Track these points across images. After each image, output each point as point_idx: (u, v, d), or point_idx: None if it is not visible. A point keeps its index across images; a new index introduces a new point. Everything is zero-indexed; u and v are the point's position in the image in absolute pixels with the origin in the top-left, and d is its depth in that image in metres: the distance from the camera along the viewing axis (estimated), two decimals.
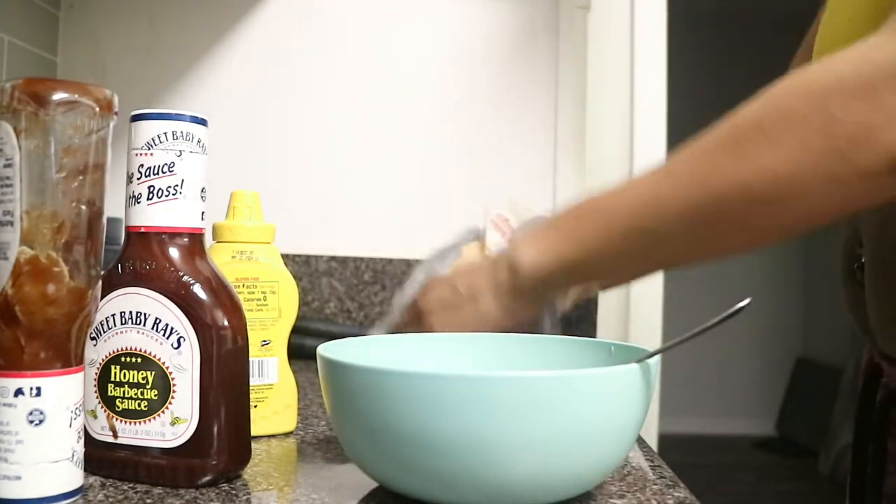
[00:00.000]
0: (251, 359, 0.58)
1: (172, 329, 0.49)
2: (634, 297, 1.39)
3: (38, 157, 0.43)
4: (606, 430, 0.44)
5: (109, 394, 0.50)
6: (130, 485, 0.49)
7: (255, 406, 0.61)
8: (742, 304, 0.46)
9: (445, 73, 1.27)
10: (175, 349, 0.49)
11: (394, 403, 0.43)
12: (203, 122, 0.51)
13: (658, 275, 1.46)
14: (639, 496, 0.49)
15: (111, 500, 0.46)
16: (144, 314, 0.49)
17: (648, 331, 1.38)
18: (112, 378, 0.50)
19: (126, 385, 0.50)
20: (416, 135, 1.27)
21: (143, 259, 0.50)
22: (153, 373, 0.49)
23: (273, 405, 0.63)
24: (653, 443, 1.41)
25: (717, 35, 4.54)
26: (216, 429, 0.49)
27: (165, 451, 0.49)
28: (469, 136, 1.28)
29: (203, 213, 0.52)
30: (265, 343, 0.63)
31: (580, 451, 0.44)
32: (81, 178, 0.44)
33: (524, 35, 1.28)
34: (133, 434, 0.49)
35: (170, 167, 0.50)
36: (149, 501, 0.46)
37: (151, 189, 0.50)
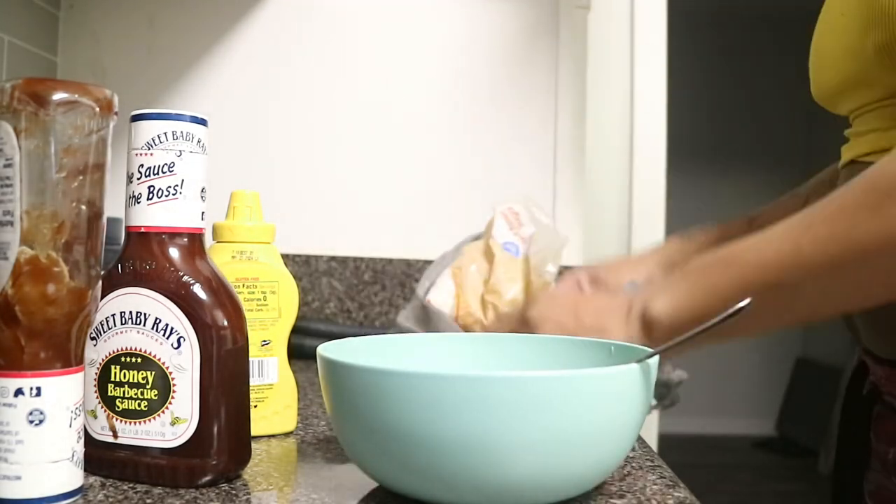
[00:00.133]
0: (251, 359, 0.58)
1: (172, 329, 0.49)
2: None
3: (38, 157, 0.43)
4: (606, 430, 0.44)
5: (109, 394, 0.50)
6: (130, 485, 0.49)
7: (255, 406, 0.61)
8: (742, 304, 0.46)
9: (445, 74, 1.27)
10: (175, 349, 0.49)
11: (394, 403, 0.43)
12: (203, 122, 0.51)
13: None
14: (639, 496, 0.49)
15: (111, 500, 0.46)
16: (144, 314, 0.49)
17: None
18: (112, 378, 0.50)
19: (126, 385, 0.50)
20: (416, 135, 1.27)
21: (143, 259, 0.50)
22: (153, 373, 0.49)
23: (273, 405, 0.63)
24: (653, 443, 1.41)
25: (717, 35, 4.54)
26: (216, 429, 0.49)
27: (165, 451, 0.49)
28: (469, 136, 1.28)
29: (203, 213, 0.52)
30: (265, 343, 0.63)
31: (580, 451, 0.44)
32: (81, 178, 0.44)
33: (524, 35, 1.28)
34: (133, 434, 0.49)
35: (170, 167, 0.50)
36: (149, 501, 0.46)
37: (151, 189, 0.50)
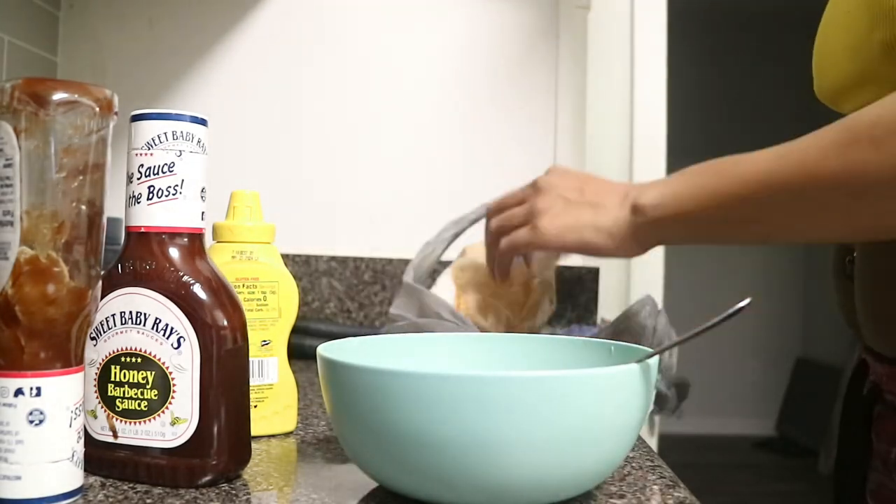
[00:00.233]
0: (251, 359, 0.58)
1: (172, 329, 0.49)
2: (634, 297, 1.39)
3: (38, 157, 0.43)
4: (606, 430, 0.44)
5: (109, 394, 0.50)
6: (130, 485, 0.49)
7: (255, 406, 0.61)
8: (742, 304, 0.46)
9: (445, 74, 1.27)
10: (175, 349, 0.49)
11: (394, 403, 0.43)
12: (203, 122, 0.51)
13: (659, 276, 1.46)
14: (639, 496, 0.49)
15: (111, 500, 0.46)
16: (144, 314, 0.49)
17: None
18: (112, 378, 0.50)
19: (126, 385, 0.50)
20: (417, 135, 1.27)
21: (143, 259, 0.50)
22: (153, 373, 0.49)
23: (273, 405, 0.63)
24: (653, 443, 1.41)
25: (718, 35, 4.54)
26: (216, 429, 0.49)
27: (165, 451, 0.49)
28: (469, 136, 1.28)
29: (203, 213, 0.52)
30: (265, 343, 0.63)
31: (580, 451, 0.44)
32: (81, 178, 0.44)
33: (524, 35, 1.28)
34: (133, 434, 0.49)
35: (170, 167, 0.50)
36: (149, 501, 0.46)
37: (151, 189, 0.50)
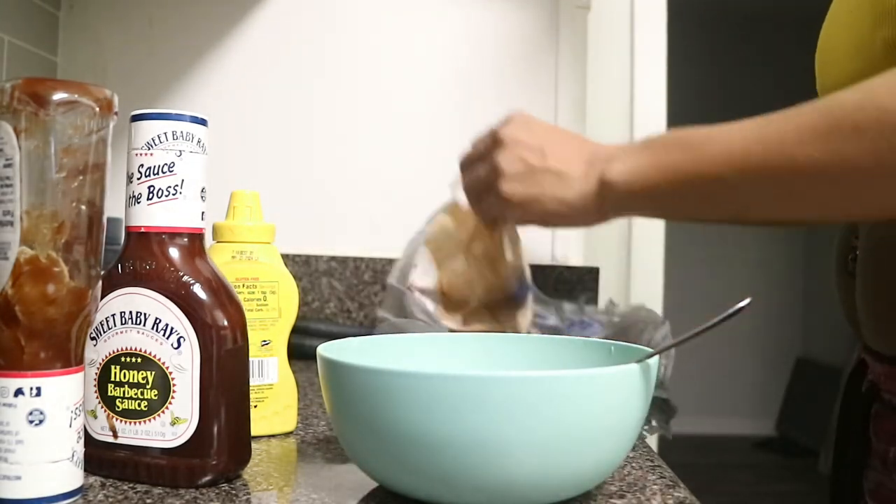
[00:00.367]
0: (251, 359, 0.58)
1: (172, 329, 0.49)
2: (634, 297, 1.39)
3: (38, 157, 0.43)
4: (606, 430, 0.44)
5: (109, 394, 0.50)
6: (130, 485, 0.49)
7: (255, 406, 0.61)
8: (742, 304, 0.46)
9: (445, 74, 1.27)
10: (175, 349, 0.49)
11: (394, 403, 0.43)
12: (203, 122, 0.51)
13: (659, 276, 1.46)
14: (639, 496, 0.49)
15: (111, 500, 0.46)
16: (144, 314, 0.49)
17: None
18: (112, 378, 0.50)
19: (126, 385, 0.50)
20: (417, 135, 1.27)
21: (143, 259, 0.50)
22: (153, 373, 0.49)
23: (273, 405, 0.63)
24: (653, 443, 1.41)
25: (718, 34, 4.54)
26: (216, 429, 0.49)
27: (165, 451, 0.49)
28: (469, 136, 1.28)
29: (203, 213, 0.52)
30: (265, 343, 0.63)
31: (580, 451, 0.44)
32: (81, 178, 0.44)
33: (524, 35, 1.28)
34: (133, 434, 0.49)
35: (170, 167, 0.50)
36: (149, 501, 0.46)
37: (151, 189, 0.50)
